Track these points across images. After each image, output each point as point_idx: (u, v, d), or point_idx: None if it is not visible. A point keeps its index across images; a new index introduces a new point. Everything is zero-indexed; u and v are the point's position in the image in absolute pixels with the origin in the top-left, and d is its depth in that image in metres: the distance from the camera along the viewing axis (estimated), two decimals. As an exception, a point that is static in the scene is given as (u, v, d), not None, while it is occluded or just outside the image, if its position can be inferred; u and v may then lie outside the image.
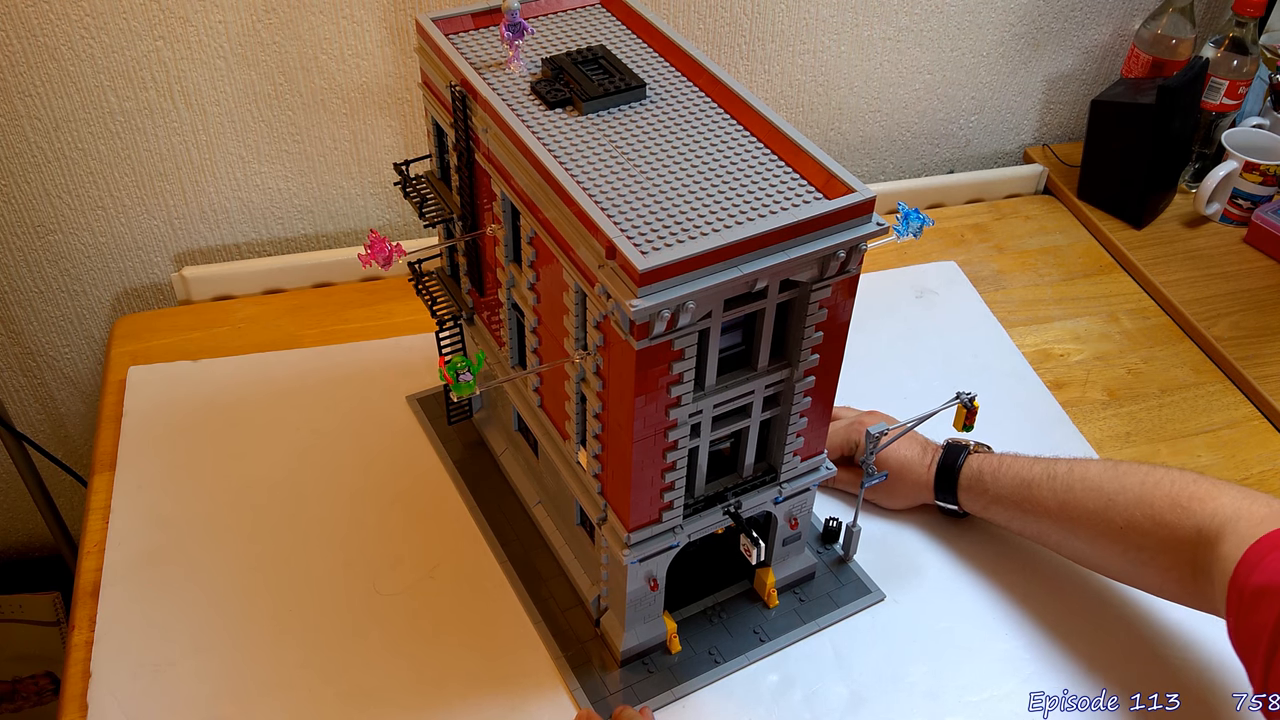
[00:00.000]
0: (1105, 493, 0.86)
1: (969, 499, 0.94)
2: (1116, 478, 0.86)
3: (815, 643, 0.91)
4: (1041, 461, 0.92)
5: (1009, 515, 0.93)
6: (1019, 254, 1.38)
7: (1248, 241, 1.39)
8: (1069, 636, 0.92)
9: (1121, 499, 0.85)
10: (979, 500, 0.94)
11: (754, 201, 0.71)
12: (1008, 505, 0.92)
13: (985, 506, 0.94)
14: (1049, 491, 0.89)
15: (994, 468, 0.93)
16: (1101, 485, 0.87)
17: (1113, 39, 1.51)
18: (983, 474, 0.93)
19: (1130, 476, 0.86)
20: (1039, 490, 0.90)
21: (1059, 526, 0.89)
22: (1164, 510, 0.82)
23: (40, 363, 1.32)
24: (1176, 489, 0.83)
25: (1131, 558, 0.85)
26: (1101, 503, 0.86)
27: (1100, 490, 0.86)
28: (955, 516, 0.99)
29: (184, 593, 0.91)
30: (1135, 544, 0.84)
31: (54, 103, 1.13)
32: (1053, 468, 0.90)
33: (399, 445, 1.05)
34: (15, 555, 1.49)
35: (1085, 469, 0.89)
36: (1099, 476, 0.87)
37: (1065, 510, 0.88)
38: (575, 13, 0.91)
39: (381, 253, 0.76)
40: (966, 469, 0.94)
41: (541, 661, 0.88)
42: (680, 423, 0.74)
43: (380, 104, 1.23)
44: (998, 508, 0.93)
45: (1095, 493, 0.86)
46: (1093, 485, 0.87)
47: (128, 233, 1.24)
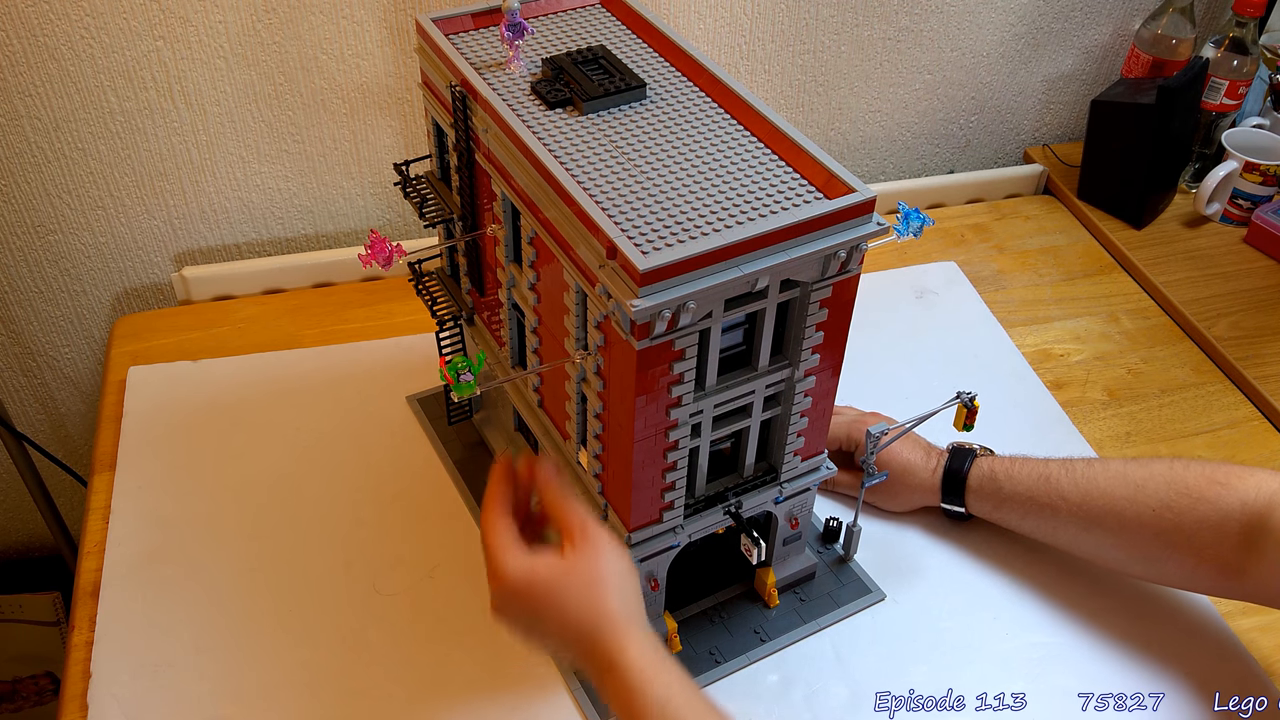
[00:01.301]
0: (1133, 480, 0.85)
1: (979, 501, 0.94)
2: (1142, 466, 0.86)
3: (815, 643, 0.91)
4: (1056, 460, 0.91)
5: (1023, 513, 0.91)
6: (1019, 254, 1.38)
7: (1248, 241, 1.39)
8: (1069, 637, 0.92)
9: (1152, 484, 0.84)
10: (990, 501, 0.93)
11: (754, 201, 0.71)
12: (1022, 503, 0.91)
13: (997, 506, 0.93)
14: (1070, 484, 0.88)
15: (1006, 468, 0.92)
16: (1127, 473, 0.86)
17: (1113, 39, 1.51)
18: (995, 474, 0.92)
19: (1156, 464, 0.85)
20: (1059, 483, 0.88)
21: (1080, 519, 0.88)
22: (1202, 487, 0.81)
23: (40, 363, 1.31)
24: (1210, 470, 0.82)
25: (1164, 541, 0.83)
26: (1130, 489, 0.85)
27: (1127, 478, 0.85)
28: (959, 520, 0.99)
29: (184, 593, 0.91)
30: (1171, 524, 0.82)
31: (54, 103, 1.13)
32: (1070, 463, 0.90)
33: (399, 445, 1.05)
34: (15, 555, 1.49)
35: (1105, 463, 0.88)
36: (1122, 467, 0.87)
37: (1089, 500, 0.87)
38: (575, 13, 0.91)
39: (382, 253, 0.76)
40: (976, 470, 0.93)
41: (541, 661, 0.88)
42: (681, 423, 0.74)
43: (380, 104, 1.23)
44: (1011, 506, 0.92)
45: (1121, 480, 0.86)
46: (1117, 474, 0.86)
47: (128, 233, 1.24)
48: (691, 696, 0.68)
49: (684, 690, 0.68)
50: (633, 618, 0.70)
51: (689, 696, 0.68)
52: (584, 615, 0.70)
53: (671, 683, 0.68)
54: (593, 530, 0.71)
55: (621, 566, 0.72)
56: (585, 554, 0.70)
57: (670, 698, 0.67)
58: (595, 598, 0.70)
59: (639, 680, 0.68)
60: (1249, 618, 0.95)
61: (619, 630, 0.69)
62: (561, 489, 0.74)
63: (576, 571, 0.70)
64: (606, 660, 0.69)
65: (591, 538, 0.71)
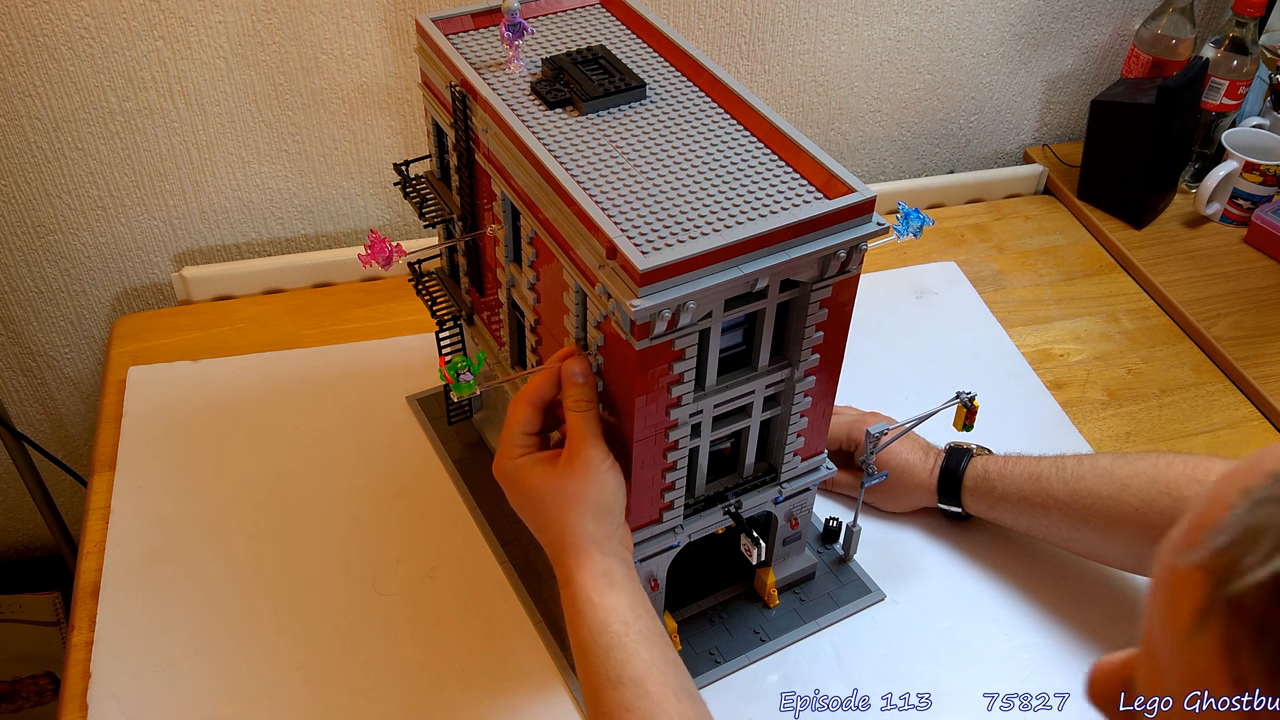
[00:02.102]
0: (1118, 478, 0.86)
1: (974, 500, 0.95)
2: (1129, 463, 0.87)
3: (815, 643, 0.91)
4: (1049, 458, 0.92)
5: (1016, 512, 0.93)
6: (1019, 254, 1.38)
7: (1248, 241, 1.39)
8: (1069, 637, 0.92)
9: (1136, 482, 0.85)
10: (984, 500, 0.94)
11: (754, 201, 0.71)
12: (1015, 502, 0.92)
13: (991, 505, 0.94)
14: (1059, 483, 0.89)
15: (1000, 467, 0.93)
16: (1114, 471, 0.87)
17: (1113, 39, 1.51)
18: (989, 473, 0.93)
19: (1142, 460, 0.87)
20: (1049, 482, 0.90)
21: (1070, 518, 0.89)
22: (1181, 485, 0.83)
23: (40, 363, 1.31)
24: (1190, 465, 0.84)
25: (1147, 539, 0.85)
26: (1115, 488, 0.86)
27: (1113, 476, 0.87)
28: (957, 519, 0.99)
29: (184, 593, 0.91)
30: (1154, 523, 0.84)
31: (54, 103, 1.13)
32: (1061, 461, 0.91)
33: (399, 445, 1.05)
34: (15, 555, 1.49)
35: (1095, 460, 0.90)
36: (1110, 464, 0.88)
37: (1077, 499, 0.88)
38: (575, 13, 0.91)
39: (381, 253, 0.76)
40: (971, 470, 0.94)
41: (541, 661, 0.88)
42: (681, 423, 0.74)
43: (380, 104, 1.23)
44: (1004, 505, 0.93)
45: (1108, 478, 0.87)
46: (1104, 472, 0.88)
47: (128, 233, 1.24)
48: (630, 625, 0.70)
49: (623, 619, 0.70)
50: (599, 543, 0.73)
51: (628, 625, 0.70)
52: (555, 529, 0.73)
53: (614, 609, 0.70)
54: (587, 450, 0.72)
55: (603, 492, 0.73)
56: (572, 472, 0.72)
57: (608, 623, 0.70)
58: (567, 516, 0.72)
59: (585, 604, 0.71)
60: (1249, 618, 0.95)
61: (580, 551, 0.72)
62: (579, 411, 0.74)
63: (559, 490, 0.73)
64: (565, 575, 0.73)
65: (584, 461, 0.72)
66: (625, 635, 0.70)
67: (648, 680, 0.68)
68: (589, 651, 0.70)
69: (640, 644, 0.70)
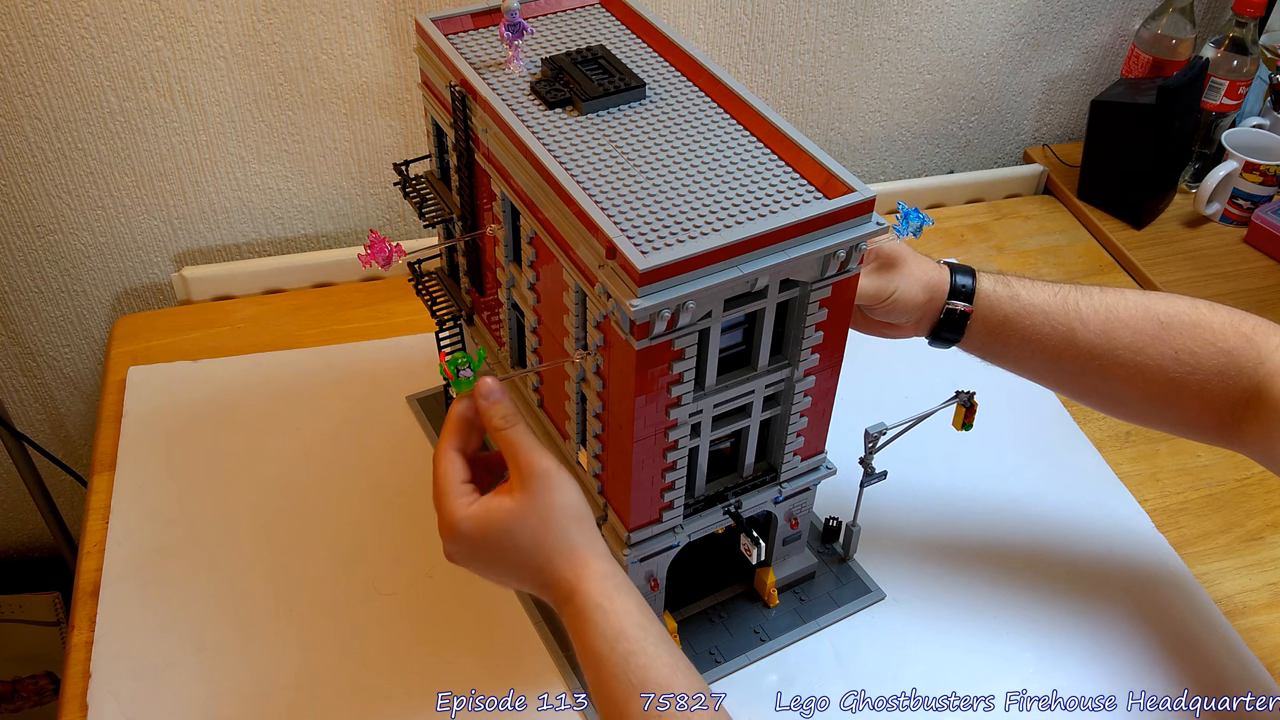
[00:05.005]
0: (1156, 315, 0.81)
1: (989, 311, 0.85)
2: (1167, 301, 0.82)
3: (815, 643, 0.91)
4: (1068, 284, 0.86)
5: (1032, 336, 0.84)
6: (1019, 254, 1.38)
7: (1248, 241, 1.39)
8: (1070, 637, 0.92)
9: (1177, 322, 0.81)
10: (1001, 312, 0.85)
11: (754, 201, 0.71)
12: (1037, 322, 0.84)
13: (1006, 321, 0.85)
14: (1089, 308, 0.82)
15: (1019, 280, 0.86)
16: (1151, 306, 0.82)
17: (1113, 39, 1.51)
18: (1010, 281, 0.86)
19: (1181, 302, 0.82)
20: (1078, 304, 0.83)
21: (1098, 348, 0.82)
22: (1227, 335, 0.79)
23: (40, 363, 1.32)
24: (1237, 319, 0.80)
25: (1175, 385, 0.80)
26: (1154, 325, 0.81)
27: (1150, 310, 0.82)
28: (943, 346, 0.89)
29: (184, 593, 0.91)
30: (1188, 369, 0.79)
31: (54, 103, 1.13)
32: (1086, 289, 0.85)
33: (399, 445, 1.05)
34: (15, 555, 1.49)
35: (1122, 293, 0.83)
36: (1143, 298, 0.83)
37: (1109, 329, 0.81)
38: (575, 13, 0.91)
39: (381, 253, 0.76)
40: (986, 278, 0.87)
41: (541, 661, 0.88)
42: (680, 422, 0.74)
43: (380, 104, 1.23)
44: (1022, 323, 0.84)
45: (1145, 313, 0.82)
46: (1139, 306, 0.82)
47: (128, 233, 1.24)
48: (646, 629, 0.67)
49: (639, 623, 0.67)
50: (590, 548, 0.69)
51: (645, 629, 0.67)
52: (539, 553, 0.69)
53: (627, 613, 0.67)
54: (541, 467, 0.69)
55: (573, 499, 0.69)
56: (536, 493, 0.68)
57: (625, 629, 0.66)
58: (549, 534, 0.68)
59: (595, 612, 0.67)
60: (1249, 618, 0.95)
61: (576, 561, 0.68)
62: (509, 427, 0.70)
63: (528, 513, 0.68)
64: (565, 591, 0.68)
65: (540, 475, 0.68)
66: (643, 639, 0.66)
67: (674, 684, 0.65)
68: (605, 662, 0.65)
69: (659, 648, 0.66)
